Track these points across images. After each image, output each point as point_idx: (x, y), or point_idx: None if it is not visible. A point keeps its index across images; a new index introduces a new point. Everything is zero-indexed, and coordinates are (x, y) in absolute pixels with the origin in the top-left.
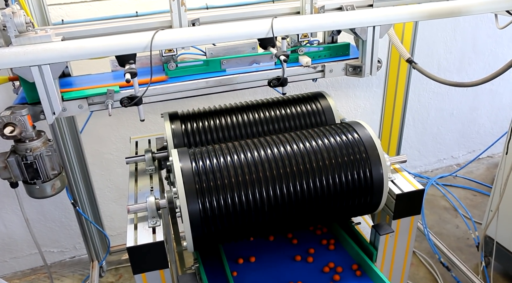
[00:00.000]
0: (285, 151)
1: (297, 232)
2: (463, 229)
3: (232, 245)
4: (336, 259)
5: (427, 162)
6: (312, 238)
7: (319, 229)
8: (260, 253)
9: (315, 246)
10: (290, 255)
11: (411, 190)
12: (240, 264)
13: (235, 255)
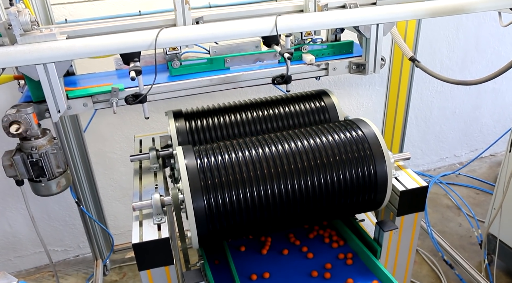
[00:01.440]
0: (289, 148)
1: (313, 246)
2: (466, 227)
3: (244, 260)
4: (355, 275)
5: (429, 160)
6: (328, 252)
7: (335, 241)
8: (274, 269)
9: (332, 261)
10: (306, 271)
11: (415, 187)
12: (253, 281)
13: (247, 271)
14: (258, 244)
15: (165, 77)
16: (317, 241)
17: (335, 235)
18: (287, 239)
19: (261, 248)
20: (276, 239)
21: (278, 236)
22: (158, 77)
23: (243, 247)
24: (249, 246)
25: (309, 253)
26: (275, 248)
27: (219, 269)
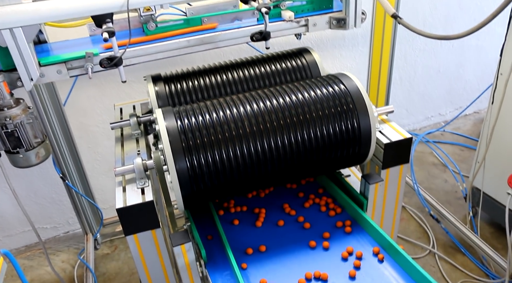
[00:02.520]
0: (271, 105)
1: (309, 216)
2: (452, 183)
3: (238, 234)
4: (354, 243)
5: (415, 120)
6: (325, 221)
7: (332, 209)
8: (270, 241)
9: (330, 230)
10: (304, 242)
11: (399, 139)
12: (249, 255)
13: (242, 245)
14: (252, 217)
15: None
16: (313, 210)
17: (332, 202)
18: (282, 209)
19: (255, 221)
20: (270, 210)
21: (272, 207)
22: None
23: (237, 221)
24: (243, 220)
25: (306, 223)
26: (270, 220)
27: (213, 245)
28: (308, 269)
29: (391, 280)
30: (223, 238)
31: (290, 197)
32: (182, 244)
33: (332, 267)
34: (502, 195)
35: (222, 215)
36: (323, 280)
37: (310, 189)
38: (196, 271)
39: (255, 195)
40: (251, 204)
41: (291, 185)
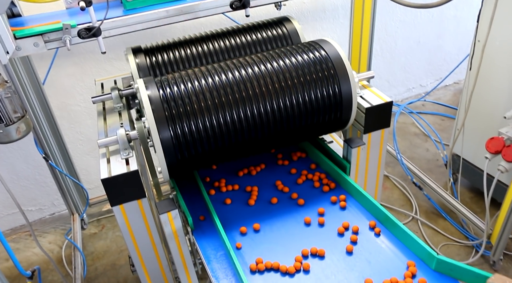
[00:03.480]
0: (253, 72)
1: (303, 192)
2: (433, 151)
3: (231, 214)
4: (350, 218)
5: (396, 91)
6: (320, 197)
7: (326, 184)
8: (264, 219)
9: (325, 205)
10: (298, 219)
11: (379, 103)
12: (243, 234)
13: (236, 224)
14: (245, 196)
15: (120, 12)
16: (307, 186)
17: (325, 178)
18: (275, 187)
19: (248, 199)
20: (263, 188)
21: (265, 185)
22: (113, 13)
23: (229, 200)
24: (235, 199)
25: (300, 200)
26: (263, 198)
27: (205, 226)
28: (304, 246)
29: (388, 253)
30: (215, 217)
31: (282, 174)
32: (168, 212)
33: (328, 243)
34: (481, 160)
35: (214, 194)
36: (320, 257)
37: (302, 165)
38: (183, 239)
39: (246, 173)
40: (243, 182)
41: (283, 162)
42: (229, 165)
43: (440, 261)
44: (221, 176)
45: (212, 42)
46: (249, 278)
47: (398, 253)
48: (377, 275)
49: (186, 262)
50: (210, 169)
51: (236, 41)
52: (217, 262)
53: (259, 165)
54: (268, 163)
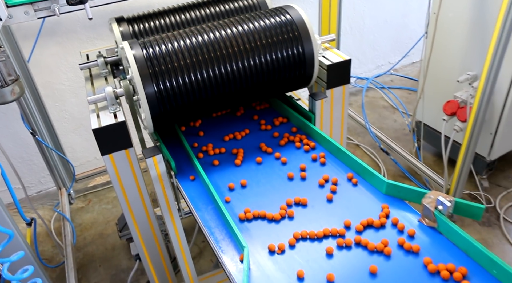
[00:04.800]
0: (226, 33)
1: (285, 152)
2: (400, 122)
3: (219, 174)
4: (329, 172)
5: (366, 69)
6: (301, 155)
7: (306, 145)
8: (250, 176)
9: (306, 162)
10: (282, 174)
11: (340, 61)
12: (231, 190)
13: (224, 182)
14: (231, 157)
15: None
16: (289, 147)
17: (306, 139)
18: (259, 148)
19: (235, 160)
20: (248, 150)
21: (250, 147)
22: None
23: (216, 161)
24: (222, 160)
25: (283, 158)
26: (249, 158)
27: (195, 186)
28: (288, 196)
29: (365, 199)
30: (203, 176)
31: (266, 138)
32: (153, 156)
33: (310, 193)
34: (440, 124)
35: (202, 158)
36: (303, 205)
37: (284, 129)
38: (167, 182)
39: (232, 138)
40: (229, 146)
41: (266, 127)
42: (215, 132)
43: (389, 184)
44: (208, 141)
45: (189, 12)
46: (238, 226)
47: (374, 198)
48: (355, 217)
49: (170, 204)
50: (197, 136)
51: (211, 11)
52: (208, 214)
53: (244, 130)
54: (252, 128)
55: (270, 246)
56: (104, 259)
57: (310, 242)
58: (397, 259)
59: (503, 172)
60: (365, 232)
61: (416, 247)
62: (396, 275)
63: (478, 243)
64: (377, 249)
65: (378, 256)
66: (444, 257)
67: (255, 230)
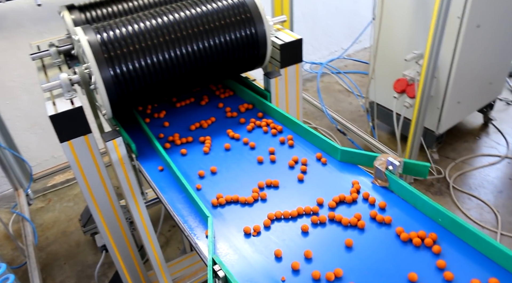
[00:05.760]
0: (180, 16)
1: (253, 137)
2: (355, 104)
3: (187, 163)
4: (298, 153)
5: (321, 55)
6: (269, 139)
7: (273, 128)
8: (220, 163)
9: (275, 146)
10: (251, 159)
11: (292, 40)
12: (202, 177)
13: (194, 170)
14: (199, 145)
15: None
16: (256, 132)
17: (272, 123)
18: (226, 135)
19: (203, 148)
20: (215, 137)
21: (217, 134)
22: None
23: (184, 150)
24: (190, 149)
25: (251, 143)
26: (217, 145)
27: (164, 176)
28: (260, 179)
29: (335, 177)
30: (172, 165)
31: (232, 124)
32: (113, 139)
33: (281, 175)
34: (392, 102)
35: (169, 148)
36: (274, 187)
37: (250, 115)
38: (129, 165)
39: (198, 127)
40: (196, 134)
41: (232, 114)
42: (181, 122)
43: (343, 151)
44: (174, 131)
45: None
46: (212, 212)
47: (344, 175)
48: (327, 194)
49: (133, 188)
50: (162, 127)
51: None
52: (180, 203)
53: (210, 119)
54: (218, 116)
55: (246, 228)
56: (69, 256)
57: (284, 222)
58: (370, 231)
59: (451, 145)
60: (338, 208)
61: (388, 218)
62: (371, 246)
63: (423, 195)
64: (351, 223)
65: (353, 230)
66: (406, 220)
67: (229, 215)
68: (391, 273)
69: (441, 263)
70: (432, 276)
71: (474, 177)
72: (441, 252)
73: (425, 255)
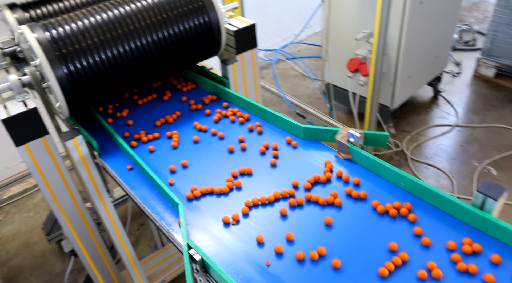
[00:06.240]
0: (131, 9)
1: (221, 127)
2: (312, 88)
3: (157, 159)
4: (268, 139)
5: (274, 42)
6: (237, 129)
7: (240, 117)
8: (190, 156)
9: (244, 134)
10: (222, 149)
11: (245, 26)
12: (173, 172)
13: (164, 166)
14: (166, 141)
15: None
16: (223, 122)
17: (238, 111)
18: (193, 127)
19: (171, 143)
20: (182, 131)
21: (184, 128)
22: None
23: (152, 147)
24: (158, 145)
25: (220, 133)
26: (185, 139)
27: (134, 175)
28: (233, 168)
29: (308, 159)
30: (141, 163)
31: (198, 116)
32: (73, 138)
33: (254, 162)
34: (347, 82)
35: (136, 146)
36: (248, 174)
37: (215, 106)
38: (92, 163)
39: (163, 122)
40: (162, 130)
41: (197, 106)
42: (145, 119)
43: (305, 129)
44: (139, 129)
45: None
46: (188, 206)
47: (316, 156)
48: (301, 177)
49: (98, 186)
50: (126, 125)
51: None
52: (154, 200)
53: (175, 113)
54: (183, 110)
55: (224, 218)
56: (34, 267)
57: (262, 208)
58: (348, 208)
59: (405, 118)
60: (314, 188)
61: (364, 193)
62: (350, 222)
63: (385, 162)
64: (328, 202)
65: (330, 209)
66: (381, 194)
67: (205, 206)
68: (372, 245)
69: (418, 230)
70: (411, 243)
71: (429, 147)
72: (417, 219)
73: (402, 224)
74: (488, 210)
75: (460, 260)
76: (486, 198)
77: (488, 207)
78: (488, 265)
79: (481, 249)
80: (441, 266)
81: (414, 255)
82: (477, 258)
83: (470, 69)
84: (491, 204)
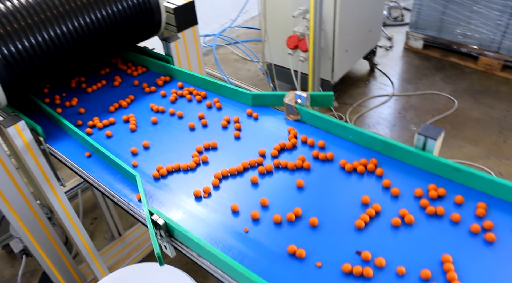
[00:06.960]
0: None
1: (178, 107)
2: (254, 70)
3: (116, 143)
4: (229, 113)
5: (212, 29)
6: (195, 106)
7: (197, 95)
8: (150, 137)
9: (203, 111)
10: (182, 127)
11: (184, 3)
12: (135, 154)
13: (125, 149)
14: (124, 125)
15: None
16: (180, 102)
17: (194, 90)
18: (150, 109)
19: (128, 126)
20: (139, 114)
21: (140, 111)
22: None
23: (109, 132)
24: (115, 130)
25: (178, 112)
26: (142, 121)
27: (93, 161)
28: (197, 144)
29: (270, 128)
30: (100, 148)
31: (153, 99)
32: (15, 124)
33: (217, 136)
34: (288, 60)
35: (92, 133)
36: (213, 148)
37: (170, 87)
38: (37, 150)
39: (118, 107)
40: (118, 115)
41: (150, 89)
42: (97, 106)
43: (253, 96)
44: (93, 116)
45: None
46: (155, 185)
47: (277, 125)
48: (267, 146)
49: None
50: (78, 114)
51: None
52: (119, 183)
53: (128, 97)
54: (136, 93)
55: (196, 192)
56: None
57: (232, 179)
58: (317, 170)
59: (346, 92)
60: (281, 155)
61: (330, 154)
62: (321, 183)
63: (332, 117)
64: (297, 166)
65: (300, 173)
66: (346, 154)
67: (174, 184)
68: (345, 201)
69: (386, 182)
70: (382, 195)
71: (370, 116)
72: (384, 173)
73: (370, 179)
74: (429, 150)
75: (428, 205)
76: (427, 139)
77: (429, 147)
78: (453, 206)
79: (445, 193)
80: (412, 212)
81: (386, 206)
82: (442, 201)
83: (401, 42)
84: (431, 144)
